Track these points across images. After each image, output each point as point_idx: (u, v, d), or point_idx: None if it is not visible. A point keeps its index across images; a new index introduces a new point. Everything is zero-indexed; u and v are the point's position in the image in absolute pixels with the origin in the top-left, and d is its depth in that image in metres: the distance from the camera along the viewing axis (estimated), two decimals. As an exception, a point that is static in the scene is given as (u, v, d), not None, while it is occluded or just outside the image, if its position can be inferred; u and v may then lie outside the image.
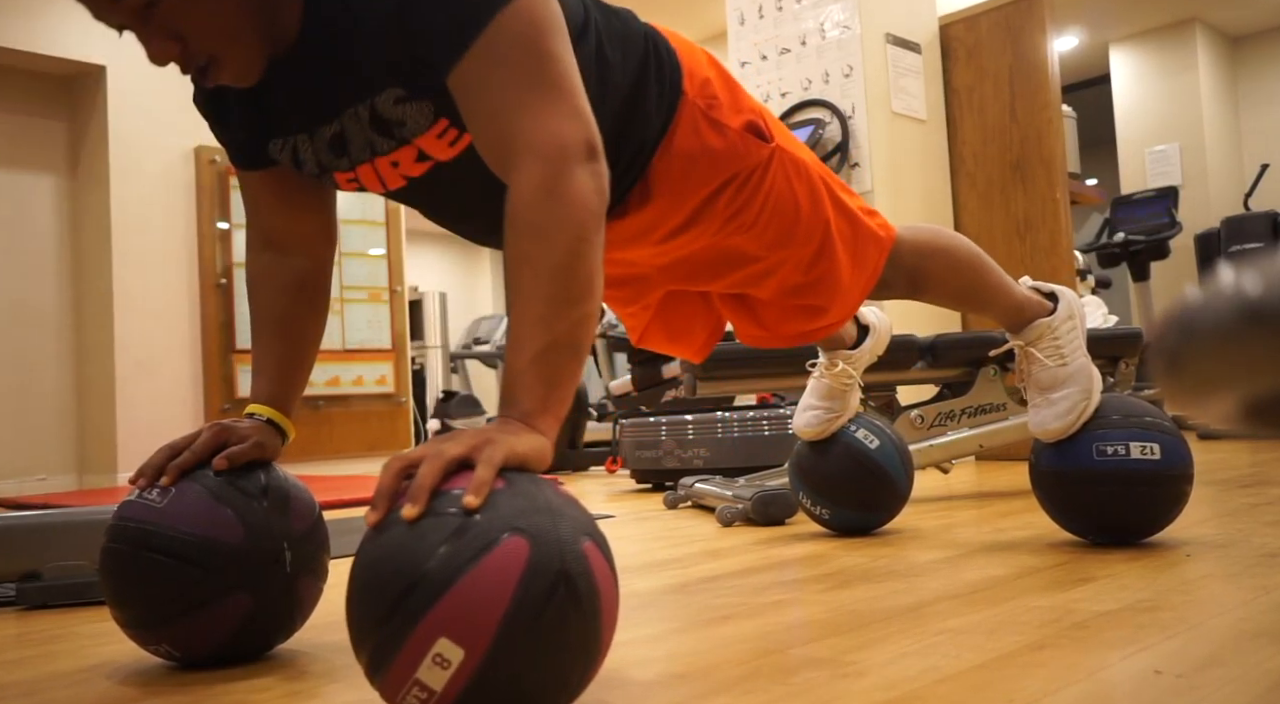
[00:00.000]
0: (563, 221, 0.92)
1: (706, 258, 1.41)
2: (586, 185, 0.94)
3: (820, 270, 1.42)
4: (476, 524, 0.76)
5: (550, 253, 0.91)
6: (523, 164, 0.94)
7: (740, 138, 1.30)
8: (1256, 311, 0.35)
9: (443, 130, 1.06)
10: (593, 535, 0.82)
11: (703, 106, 1.28)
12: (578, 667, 0.80)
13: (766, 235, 1.37)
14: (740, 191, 1.33)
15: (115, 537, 1.09)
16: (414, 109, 1.04)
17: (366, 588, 0.78)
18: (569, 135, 0.95)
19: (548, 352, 0.89)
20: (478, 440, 0.82)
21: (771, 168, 1.34)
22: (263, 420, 1.19)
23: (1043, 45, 3.90)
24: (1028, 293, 1.66)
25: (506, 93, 0.96)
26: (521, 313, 0.90)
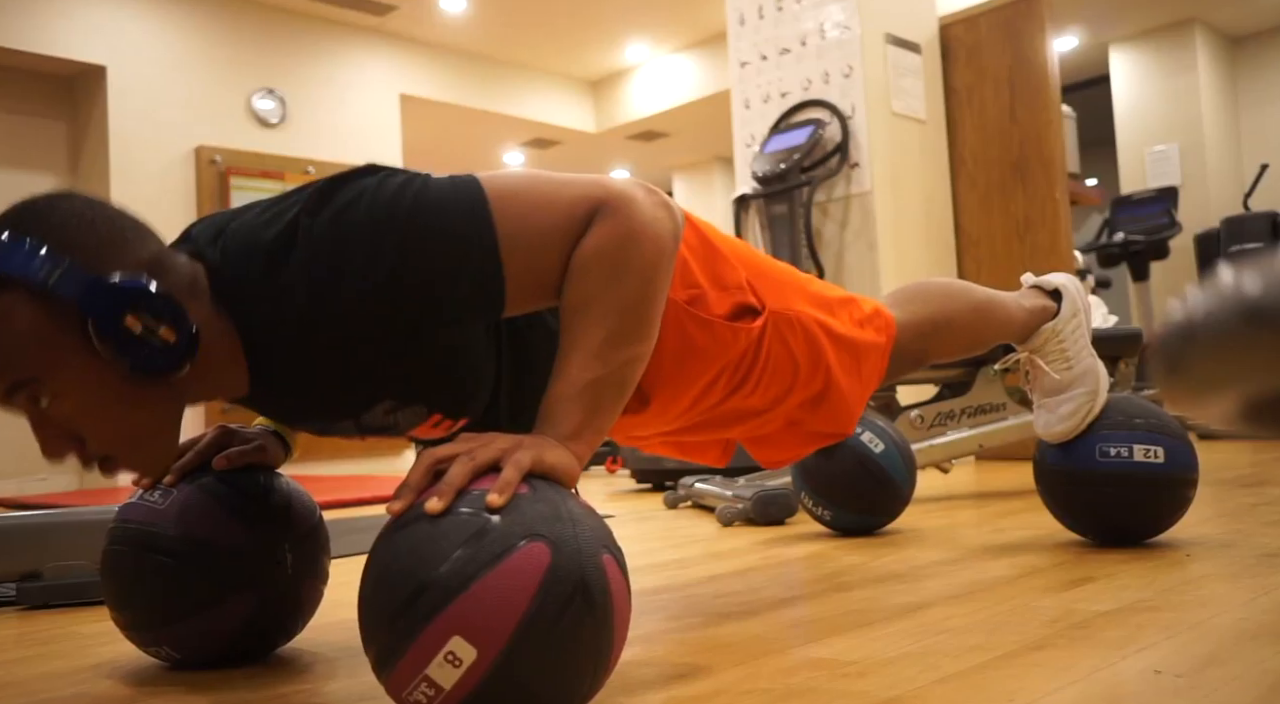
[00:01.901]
0: (636, 259, 0.91)
1: (711, 420, 1.37)
2: (661, 219, 0.94)
3: (826, 405, 1.39)
4: (498, 527, 0.76)
5: (621, 289, 0.90)
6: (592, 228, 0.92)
7: (728, 329, 1.23)
8: (1256, 312, 0.35)
9: (436, 422, 1.07)
10: (611, 549, 0.82)
11: (684, 302, 1.20)
12: (587, 675, 0.80)
13: (769, 394, 1.33)
14: (735, 373, 1.28)
15: (117, 538, 1.09)
16: (406, 414, 1.03)
17: (384, 581, 0.78)
18: (610, 180, 0.94)
19: (596, 384, 0.89)
20: (510, 445, 0.83)
21: (765, 340, 1.28)
22: (268, 430, 1.19)
23: (1042, 45, 3.90)
24: (1030, 307, 1.61)
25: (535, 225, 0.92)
26: (577, 342, 0.90)
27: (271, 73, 5.92)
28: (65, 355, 0.86)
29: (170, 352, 0.88)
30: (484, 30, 6.68)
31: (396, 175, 0.92)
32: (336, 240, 0.88)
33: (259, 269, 0.91)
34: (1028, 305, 1.61)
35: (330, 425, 1.05)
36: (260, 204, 0.97)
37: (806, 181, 3.85)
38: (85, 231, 0.88)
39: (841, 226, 3.95)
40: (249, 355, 0.96)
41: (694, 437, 1.45)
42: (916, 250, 3.98)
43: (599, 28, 6.78)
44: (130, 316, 0.86)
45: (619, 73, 7.68)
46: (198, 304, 0.92)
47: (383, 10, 6.21)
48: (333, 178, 0.92)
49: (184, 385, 0.93)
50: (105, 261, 0.87)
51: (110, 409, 0.89)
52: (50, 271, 0.85)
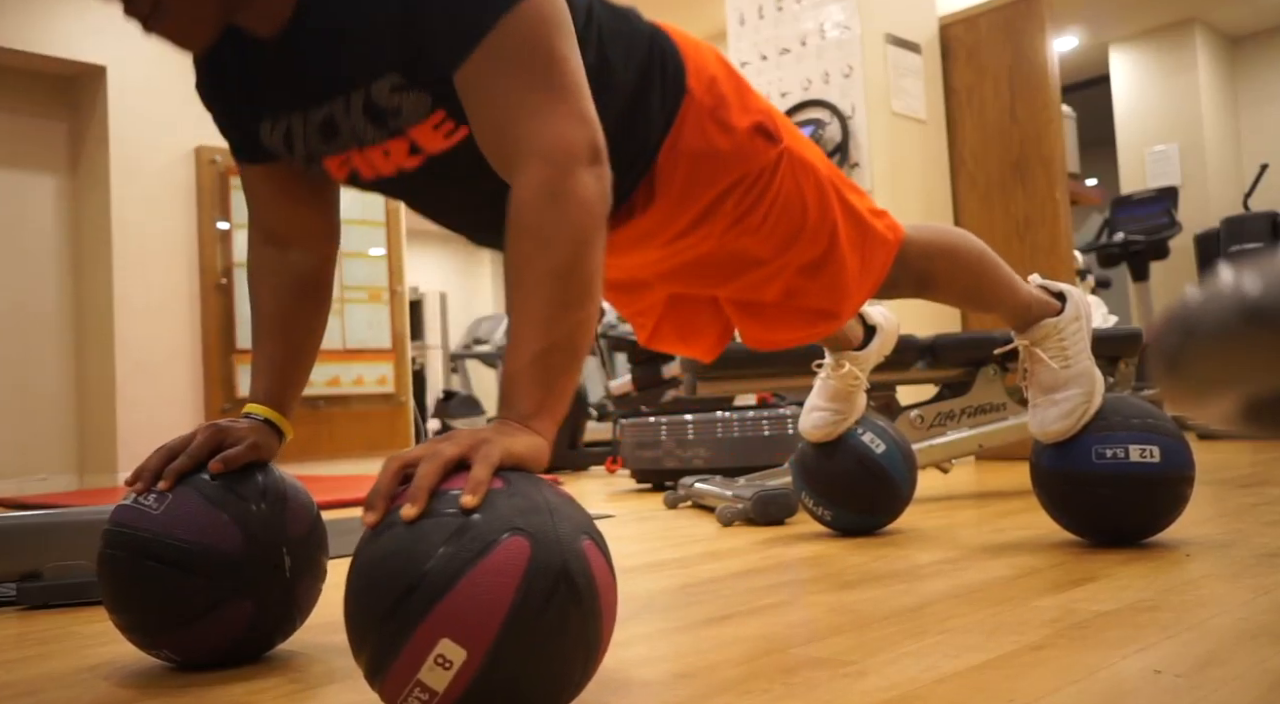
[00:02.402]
0: (565, 225, 0.92)
1: (711, 262, 1.39)
2: (590, 188, 0.94)
3: (827, 273, 1.41)
4: (476, 524, 0.76)
5: (551, 256, 0.91)
6: (527, 166, 0.94)
7: (748, 139, 1.28)
8: (1256, 311, 0.35)
9: (439, 121, 1.05)
10: (591, 533, 0.82)
11: (709, 106, 1.26)
12: (579, 664, 0.80)
13: (773, 238, 1.36)
14: (748, 194, 1.31)
15: (111, 543, 1.08)
16: (411, 98, 1.03)
17: (366, 590, 0.78)
18: (573, 138, 0.95)
19: (546, 354, 0.89)
20: (474, 440, 0.82)
21: (779, 169, 1.32)
22: (259, 420, 1.18)
23: (1042, 45, 3.90)
24: (1036, 292, 1.64)
25: (512, 94, 0.96)
26: (521, 315, 0.90)
27: (271, 73, 5.91)
28: None
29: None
30: (484, 30, 6.67)
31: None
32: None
33: None
34: (1034, 291, 1.62)
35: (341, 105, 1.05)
36: None
37: (806, 181, 3.84)
38: None
39: (841, 226, 3.95)
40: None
41: (691, 285, 1.45)
42: (916, 250, 3.97)
43: (599, 28, 6.78)
44: None
45: (619, 73, 7.67)
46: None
47: (383, 10, 6.20)
48: None
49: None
50: None
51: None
52: None
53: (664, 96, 1.24)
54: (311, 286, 1.25)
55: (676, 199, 1.27)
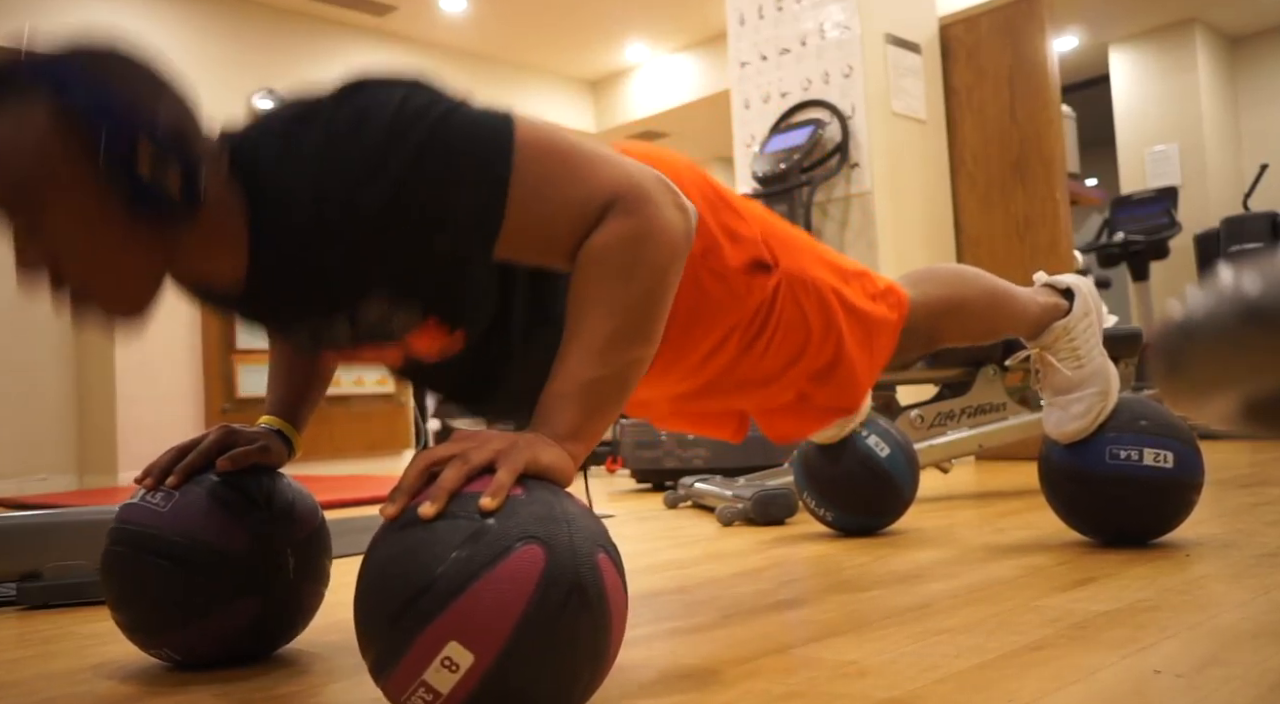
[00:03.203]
0: (648, 259, 0.90)
1: (720, 387, 1.36)
2: (674, 220, 0.92)
3: (836, 377, 1.37)
4: (493, 530, 0.76)
5: (628, 290, 0.89)
6: (607, 220, 0.91)
7: (742, 280, 1.22)
8: (1256, 311, 0.35)
9: (433, 331, 1.02)
10: (606, 547, 0.82)
11: (697, 254, 1.18)
12: (584, 676, 0.80)
13: (779, 358, 1.32)
14: (749, 329, 1.27)
15: (118, 539, 1.09)
16: (402, 315, 0.99)
17: (379, 586, 0.78)
18: (638, 175, 0.93)
19: (596, 383, 0.88)
20: (504, 445, 0.82)
21: (778, 297, 1.27)
22: (271, 430, 1.19)
23: (1042, 45, 3.90)
24: (1042, 298, 1.61)
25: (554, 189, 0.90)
26: (580, 339, 0.89)
27: (271, 73, 5.92)
28: (70, 172, 0.84)
29: (171, 199, 0.86)
30: (484, 30, 6.68)
31: (424, 92, 0.90)
32: (349, 142, 0.87)
33: (275, 143, 0.91)
34: (1041, 301, 1.61)
35: (324, 327, 1.01)
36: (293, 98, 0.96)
37: (806, 182, 3.85)
38: (128, 70, 0.87)
39: (841, 226, 3.95)
40: (251, 231, 0.93)
41: (704, 405, 1.43)
42: (916, 250, 3.98)
43: (599, 28, 6.78)
44: (144, 144, 0.84)
45: (619, 73, 7.68)
46: (213, 171, 0.91)
47: (383, 10, 6.21)
48: (369, 78, 0.90)
49: (175, 245, 0.91)
50: (136, 98, 0.86)
51: (99, 238, 0.87)
52: (78, 88, 0.84)
53: None
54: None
55: (675, 351, 1.23)
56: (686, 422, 1.50)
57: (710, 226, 1.21)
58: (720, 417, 1.50)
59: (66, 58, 0.86)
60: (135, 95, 0.86)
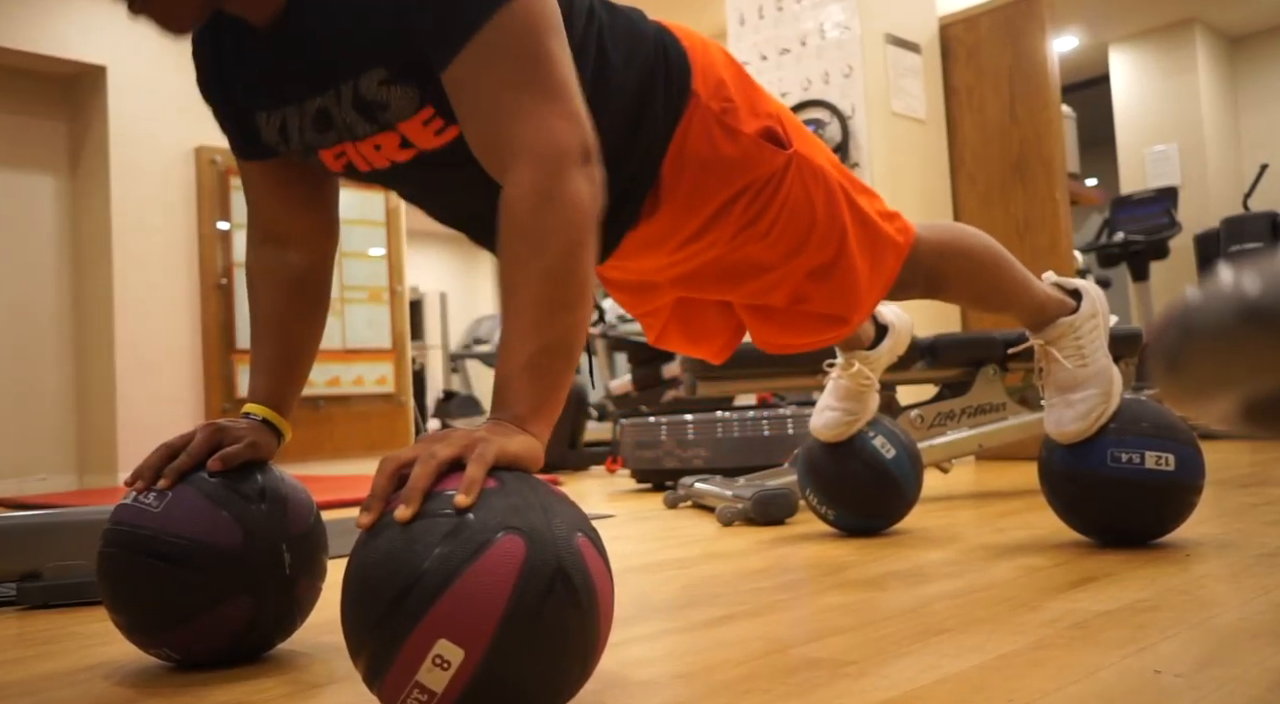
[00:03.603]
0: (557, 226, 0.91)
1: (718, 269, 1.37)
2: (582, 189, 0.94)
3: (835, 278, 1.38)
4: (470, 524, 0.76)
5: (544, 257, 0.91)
6: (517, 166, 0.93)
7: (755, 145, 1.26)
8: (1256, 311, 0.35)
9: (428, 117, 1.04)
10: (585, 530, 0.82)
11: (716, 111, 1.23)
12: (577, 661, 0.80)
13: (781, 244, 1.34)
14: (754, 200, 1.29)
15: (111, 541, 1.08)
16: (399, 93, 1.02)
17: (362, 592, 0.78)
18: (565, 138, 0.94)
19: (540, 356, 0.89)
20: (469, 440, 0.82)
21: (788, 175, 1.29)
22: (258, 420, 1.18)
23: (1042, 45, 3.90)
24: (1050, 291, 1.62)
25: (501, 93, 0.95)
26: (514, 317, 0.90)
27: (271, 73, 5.92)
28: None
29: None
30: (484, 30, 6.66)
31: None
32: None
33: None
34: (1049, 291, 1.61)
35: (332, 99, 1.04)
36: None
37: (806, 181, 3.84)
38: None
39: (841, 226, 3.95)
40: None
41: (699, 290, 1.44)
42: (916, 250, 3.98)
43: (599, 28, 6.77)
44: None
45: (619, 73, 7.67)
46: None
47: (383, 10, 6.21)
48: None
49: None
50: None
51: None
52: None
53: (668, 100, 1.23)
54: (310, 286, 1.24)
55: (682, 205, 1.26)
56: (677, 326, 1.52)
57: (730, 91, 1.26)
58: (711, 326, 1.50)
59: None
60: None
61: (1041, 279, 1.66)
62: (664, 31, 1.26)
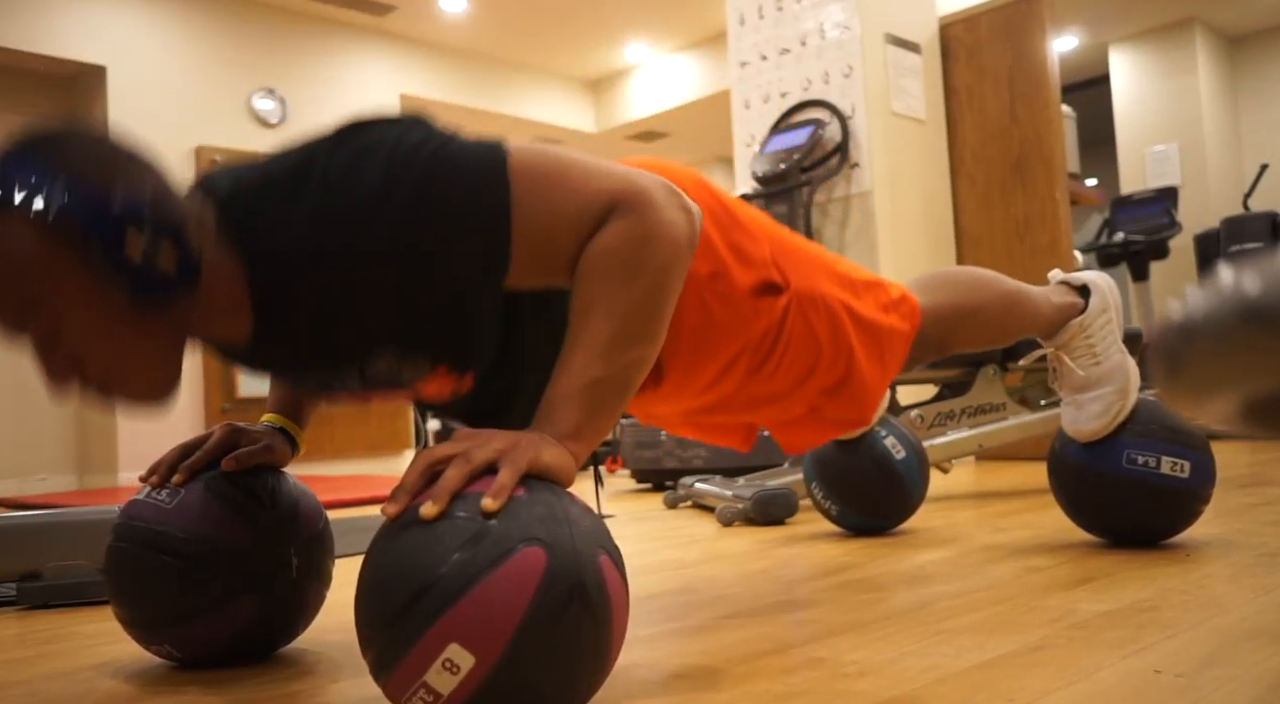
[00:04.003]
0: (652, 261, 0.90)
1: (729, 405, 1.36)
2: (677, 221, 0.92)
3: (848, 391, 1.37)
4: (494, 531, 0.75)
5: (631, 291, 0.89)
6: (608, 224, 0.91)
7: (751, 304, 1.21)
8: (1256, 312, 0.35)
9: (442, 376, 1.03)
10: (608, 548, 0.82)
11: (705, 276, 1.18)
12: (585, 678, 0.80)
13: (789, 377, 1.31)
14: (757, 352, 1.26)
15: (122, 535, 1.09)
16: (411, 365, 1.00)
17: (380, 587, 0.77)
18: (640, 180, 0.93)
19: (599, 384, 0.88)
20: (505, 445, 0.82)
21: (789, 319, 1.26)
22: (275, 428, 1.19)
23: (1042, 45, 3.90)
24: (1057, 302, 1.59)
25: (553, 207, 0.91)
26: (583, 340, 0.89)
27: (271, 73, 5.93)
28: (69, 279, 0.85)
29: (170, 276, 0.87)
30: (484, 30, 6.68)
31: (419, 128, 0.91)
32: (347, 186, 0.87)
33: (270, 201, 0.91)
34: (1055, 301, 1.59)
35: (334, 377, 1.02)
36: (281, 149, 0.96)
37: (806, 182, 3.85)
38: (89, 160, 0.87)
39: (841, 226, 3.95)
40: (253, 293, 0.94)
41: (716, 419, 1.43)
42: (916, 250, 3.98)
43: (599, 28, 6.78)
44: (131, 232, 0.85)
45: (619, 73, 7.68)
46: (203, 237, 0.91)
47: (383, 10, 6.21)
48: (357, 122, 0.92)
49: (186, 318, 0.92)
50: (108, 188, 0.86)
51: (113, 332, 0.88)
52: (51, 196, 0.84)
53: None
54: None
55: (683, 373, 1.23)
56: (697, 431, 1.50)
57: (718, 248, 1.20)
58: (730, 427, 1.50)
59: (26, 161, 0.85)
60: (106, 183, 0.86)
61: (1048, 277, 1.65)
62: None
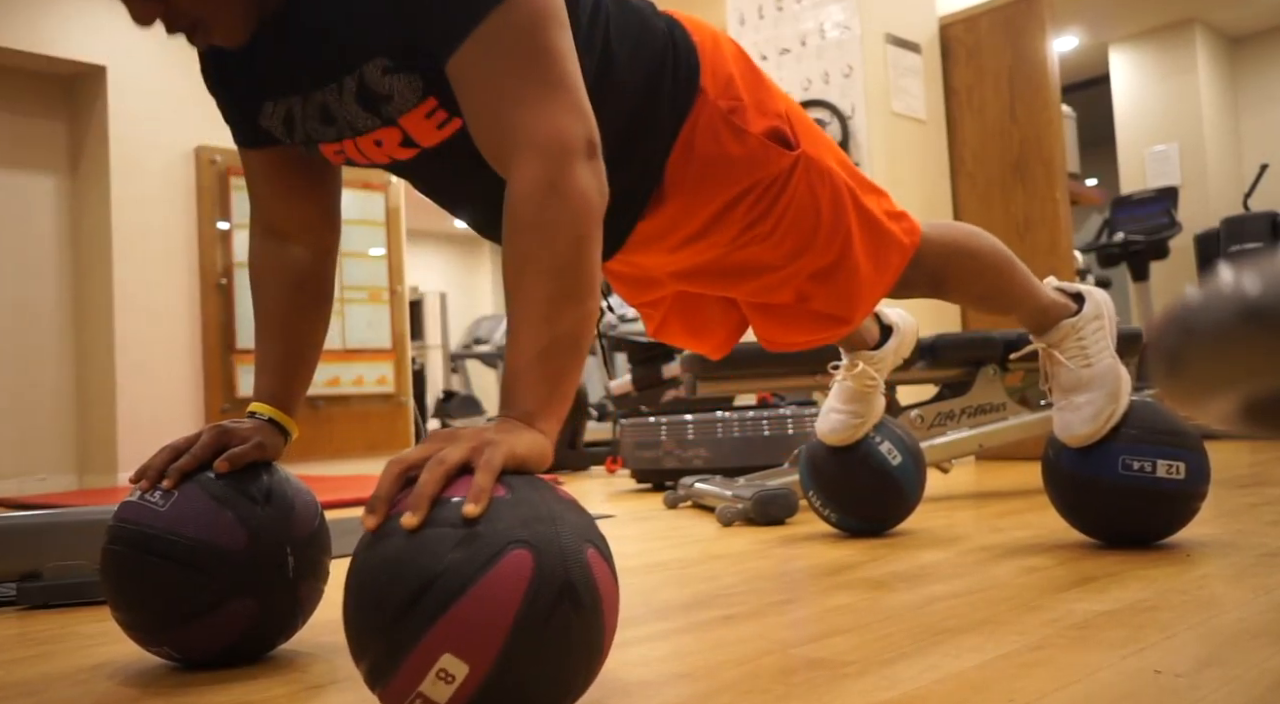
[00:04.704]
0: (564, 219, 0.91)
1: (720, 267, 1.37)
2: (588, 182, 0.93)
3: (838, 280, 1.37)
4: (479, 537, 0.74)
5: (551, 251, 0.90)
6: (522, 159, 0.93)
7: (761, 146, 1.25)
8: (1256, 311, 0.35)
9: (431, 110, 1.03)
10: (594, 541, 0.81)
11: (723, 109, 1.22)
12: (580, 674, 0.80)
13: (784, 245, 1.33)
14: (759, 201, 1.28)
15: (116, 538, 1.08)
16: (402, 82, 1.01)
17: (367, 600, 0.76)
18: (569, 131, 0.94)
19: (548, 350, 0.88)
20: (477, 443, 0.81)
21: (794, 176, 1.28)
22: (264, 420, 1.18)
23: (1042, 45, 3.90)
24: (1053, 295, 1.61)
25: (505, 85, 0.95)
26: (522, 311, 0.90)
27: (271, 73, 5.92)
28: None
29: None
30: (484, 30, 6.66)
31: None
32: None
33: None
34: (1052, 295, 1.61)
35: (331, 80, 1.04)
36: None
37: (806, 181, 3.84)
38: None
39: (841, 226, 3.95)
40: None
41: (700, 286, 1.44)
42: (916, 250, 3.98)
43: (599, 28, 6.77)
44: None
45: (619, 73, 7.66)
46: None
47: (383, 10, 6.20)
48: None
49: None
50: None
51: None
52: None
53: (675, 97, 1.22)
54: (312, 281, 1.24)
55: (685, 202, 1.25)
56: (678, 320, 1.51)
57: (739, 89, 1.24)
58: (712, 320, 1.50)
59: None
60: None
61: (1044, 283, 1.65)
62: (675, 25, 1.25)
